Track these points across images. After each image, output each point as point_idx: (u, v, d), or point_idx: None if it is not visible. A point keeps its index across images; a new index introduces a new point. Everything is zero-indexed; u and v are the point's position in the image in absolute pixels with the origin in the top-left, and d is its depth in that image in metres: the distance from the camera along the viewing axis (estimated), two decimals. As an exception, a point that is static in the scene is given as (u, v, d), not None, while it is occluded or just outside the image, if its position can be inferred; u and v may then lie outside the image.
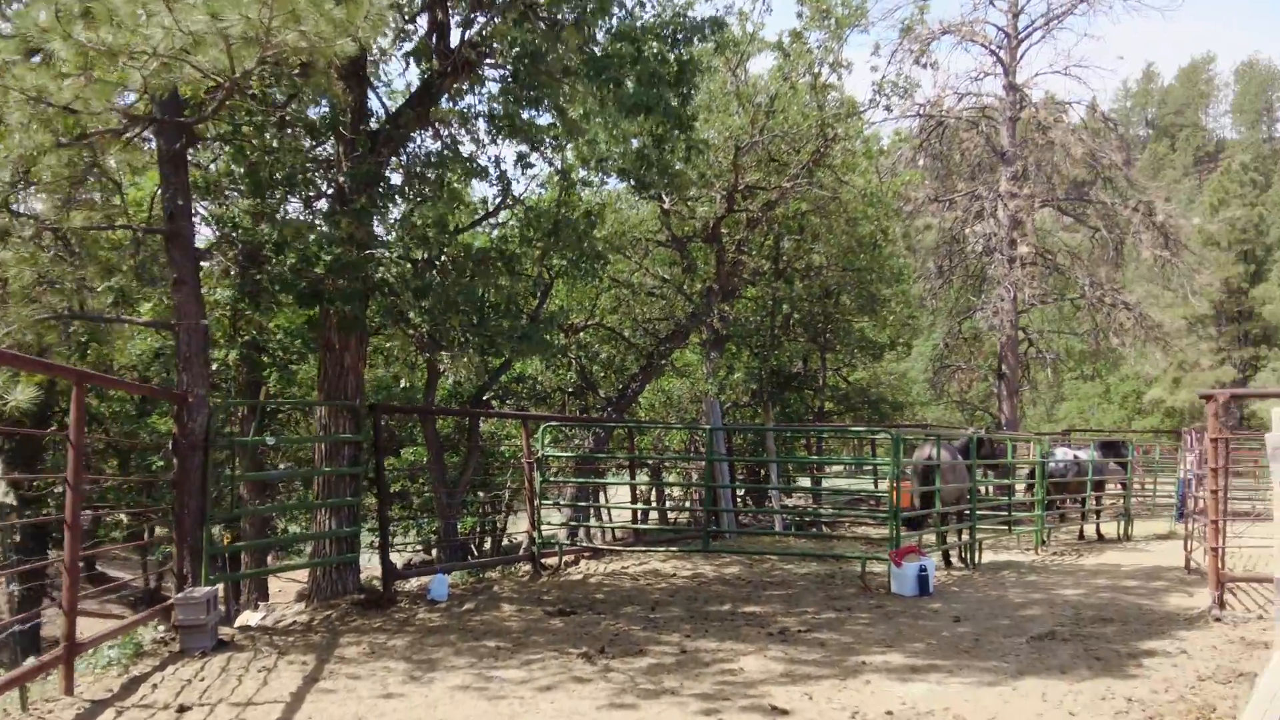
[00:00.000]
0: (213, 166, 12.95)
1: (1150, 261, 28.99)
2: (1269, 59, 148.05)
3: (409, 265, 11.70)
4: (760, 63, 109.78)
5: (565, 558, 14.34)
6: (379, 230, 11.72)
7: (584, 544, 16.06)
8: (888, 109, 19.01)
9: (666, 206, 18.31)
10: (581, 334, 19.75)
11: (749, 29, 18.16)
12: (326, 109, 11.78)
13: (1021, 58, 29.84)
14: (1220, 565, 10.23)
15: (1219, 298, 56.26)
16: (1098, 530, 19.61)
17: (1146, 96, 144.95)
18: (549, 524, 15.79)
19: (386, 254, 11.40)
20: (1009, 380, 29.41)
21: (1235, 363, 62.73)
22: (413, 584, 12.53)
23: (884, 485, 21.69)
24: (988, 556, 15.72)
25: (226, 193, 12.45)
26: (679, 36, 12.37)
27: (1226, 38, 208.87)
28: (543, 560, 13.83)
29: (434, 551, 19.74)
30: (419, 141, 12.54)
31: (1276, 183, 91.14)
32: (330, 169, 11.49)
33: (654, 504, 21.82)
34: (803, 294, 22.56)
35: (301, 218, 11.45)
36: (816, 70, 18.15)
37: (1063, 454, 19.34)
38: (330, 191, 11.46)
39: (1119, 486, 21.10)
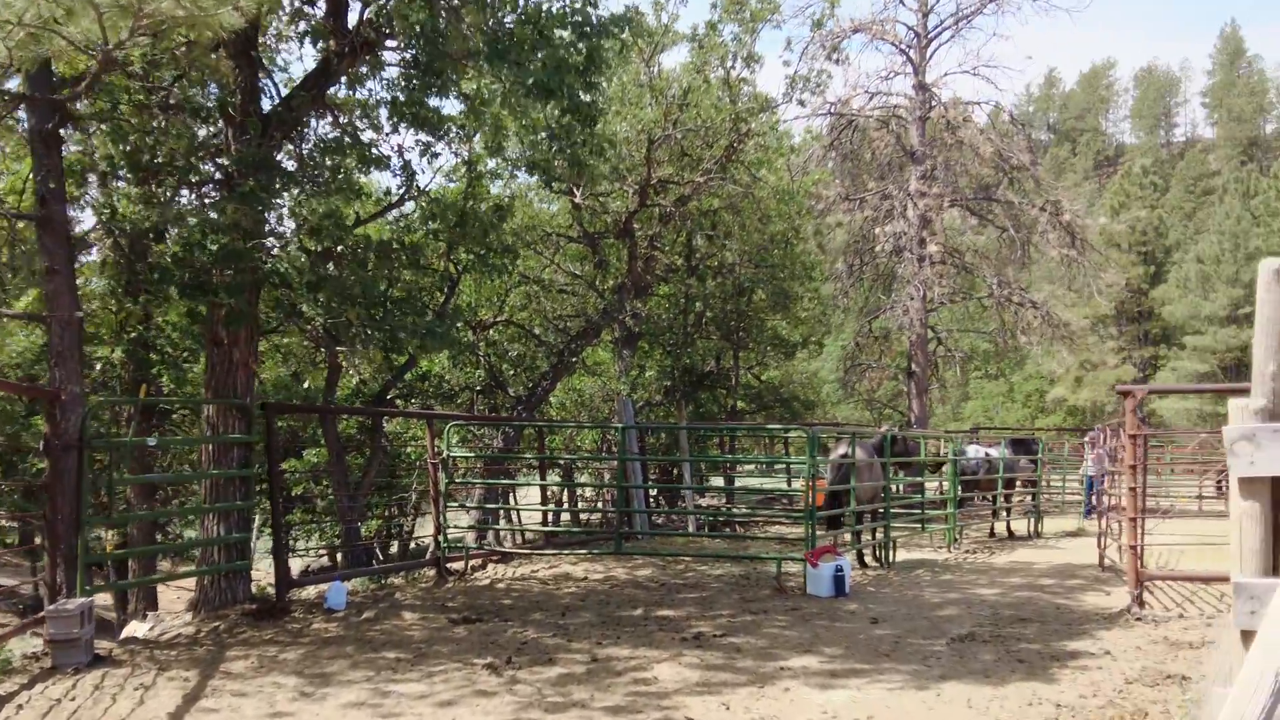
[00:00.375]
0: (98, 151, 12.21)
1: (1057, 260, 29.31)
2: (1167, 65, 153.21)
3: (302, 256, 11.11)
4: (674, 56, 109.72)
5: (472, 562, 13.86)
6: (272, 219, 11.12)
7: (492, 547, 15.57)
8: (801, 103, 18.74)
9: (578, 201, 17.90)
10: (491, 331, 19.25)
11: (664, 20, 17.86)
12: (216, 92, 11.14)
13: (931, 57, 29.96)
14: (1139, 563, 10.15)
15: (1120, 298, 57.61)
16: (1008, 528, 19.68)
17: (1048, 101, 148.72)
18: (456, 527, 15.30)
19: (277, 244, 10.80)
20: (918, 379, 29.51)
21: (1136, 362, 64.41)
22: (311, 592, 11.99)
23: (798, 484, 21.56)
24: (901, 555, 15.61)
25: (108, 178, 11.70)
26: (587, 30, 11.97)
27: (1126, 44, 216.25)
28: (448, 565, 13.34)
29: (338, 557, 19.06)
30: (315, 127, 11.97)
31: (1174, 187, 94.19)
32: (219, 154, 10.85)
33: (566, 505, 21.42)
34: (715, 291, 22.33)
35: (187, 204, 10.77)
36: (730, 64, 17.91)
37: (974, 451, 19.37)
38: (218, 177, 10.82)
39: (1026, 484, 21.20)
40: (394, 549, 19.83)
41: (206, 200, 11.06)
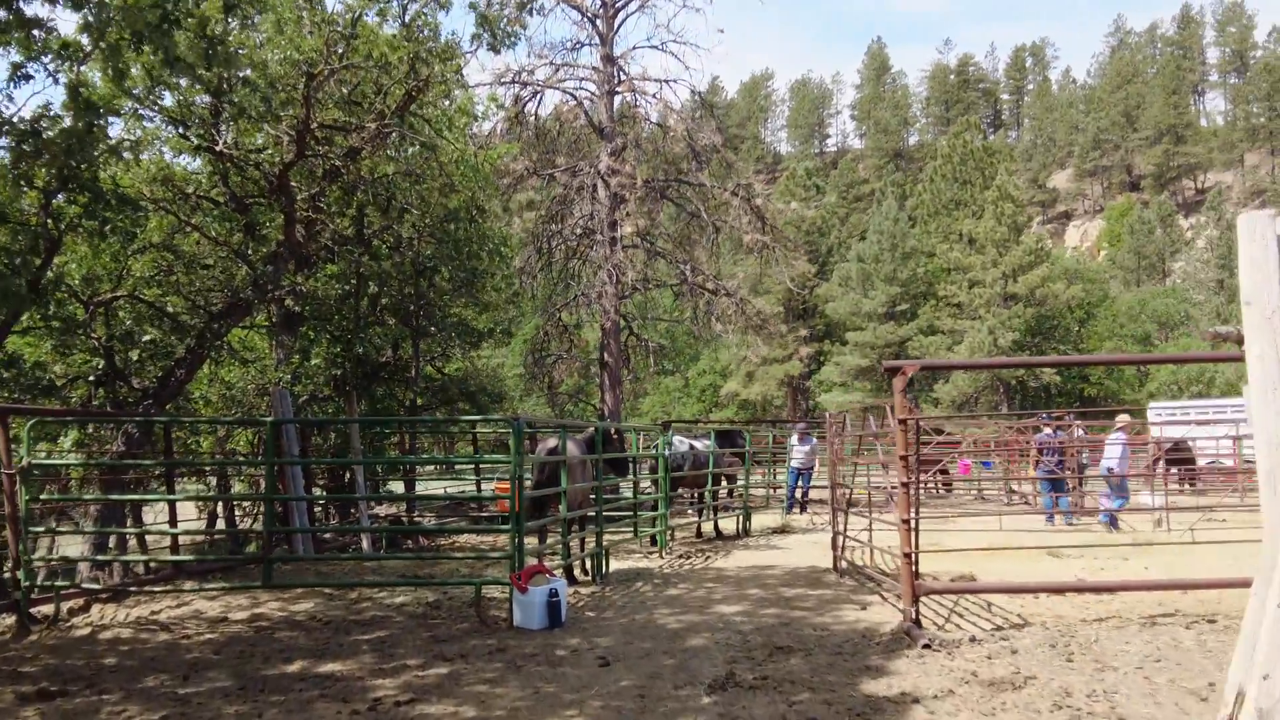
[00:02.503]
0: None
1: (749, 246, 28.35)
2: (820, 78, 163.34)
3: None
4: None
5: (69, 604, 10.49)
6: None
7: (109, 582, 12.10)
8: (493, 49, 16.18)
9: (221, 149, 14.55)
10: (118, 310, 15.45)
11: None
12: None
13: (619, 29, 28.26)
14: (916, 574, 8.42)
15: (788, 295, 59.09)
16: (716, 527, 18.16)
17: (712, 109, 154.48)
18: (50, 559, 11.87)
19: None
20: (611, 370, 27.82)
21: (802, 357, 66.59)
22: None
23: (493, 487, 19.09)
24: (612, 564, 13.51)
25: None
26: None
27: (782, 57, 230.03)
28: (34, 610, 9.97)
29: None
30: None
31: (829, 192, 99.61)
32: None
33: (220, 520, 17.88)
34: (392, 271, 19.45)
35: None
36: (409, -1, 15.16)
37: (679, 443, 17.60)
38: None
39: (729, 479, 19.72)
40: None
41: None
